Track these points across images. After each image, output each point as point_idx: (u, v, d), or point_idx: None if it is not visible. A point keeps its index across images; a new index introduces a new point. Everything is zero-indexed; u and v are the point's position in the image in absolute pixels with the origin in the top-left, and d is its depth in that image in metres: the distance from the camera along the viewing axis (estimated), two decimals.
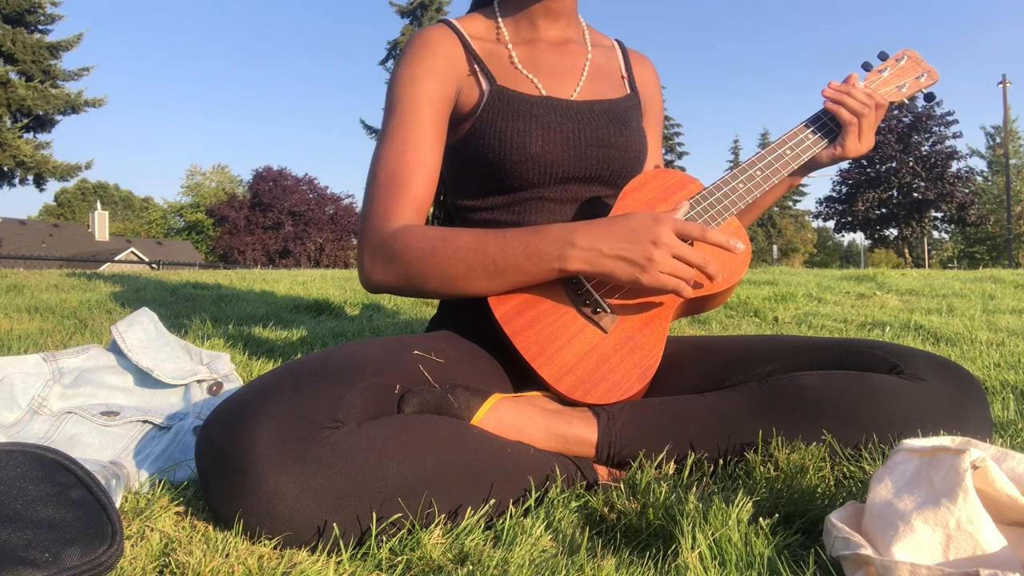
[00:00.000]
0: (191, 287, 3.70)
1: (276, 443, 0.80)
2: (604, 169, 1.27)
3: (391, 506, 0.83)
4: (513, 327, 1.11)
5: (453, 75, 1.26)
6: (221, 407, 0.87)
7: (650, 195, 1.22)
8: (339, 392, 0.88)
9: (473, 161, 1.26)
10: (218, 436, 0.84)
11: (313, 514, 0.79)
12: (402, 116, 1.22)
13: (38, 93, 21.79)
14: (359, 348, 1.03)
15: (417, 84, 1.23)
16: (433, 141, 1.22)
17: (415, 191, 1.19)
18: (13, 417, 1.10)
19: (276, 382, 0.89)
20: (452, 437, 0.92)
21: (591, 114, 1.28)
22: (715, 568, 0.75)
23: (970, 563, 0.68)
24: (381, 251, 1.16)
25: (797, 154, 1.26)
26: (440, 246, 1.12)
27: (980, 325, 2.54)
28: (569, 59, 1.34)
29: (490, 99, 1.24)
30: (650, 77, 1.46)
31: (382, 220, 1.17)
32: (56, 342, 1.97)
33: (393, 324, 2.59)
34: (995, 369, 1.74)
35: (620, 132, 1.29)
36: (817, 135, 1.28)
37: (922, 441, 0.80)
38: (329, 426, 0.83)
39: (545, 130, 1.22)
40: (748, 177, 1.23)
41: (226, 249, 31.87)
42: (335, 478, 0.80)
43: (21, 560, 0.65)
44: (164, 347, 1.30)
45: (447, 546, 0.80)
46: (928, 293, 3.77)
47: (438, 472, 0.87)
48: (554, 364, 1.09)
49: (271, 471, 0.79)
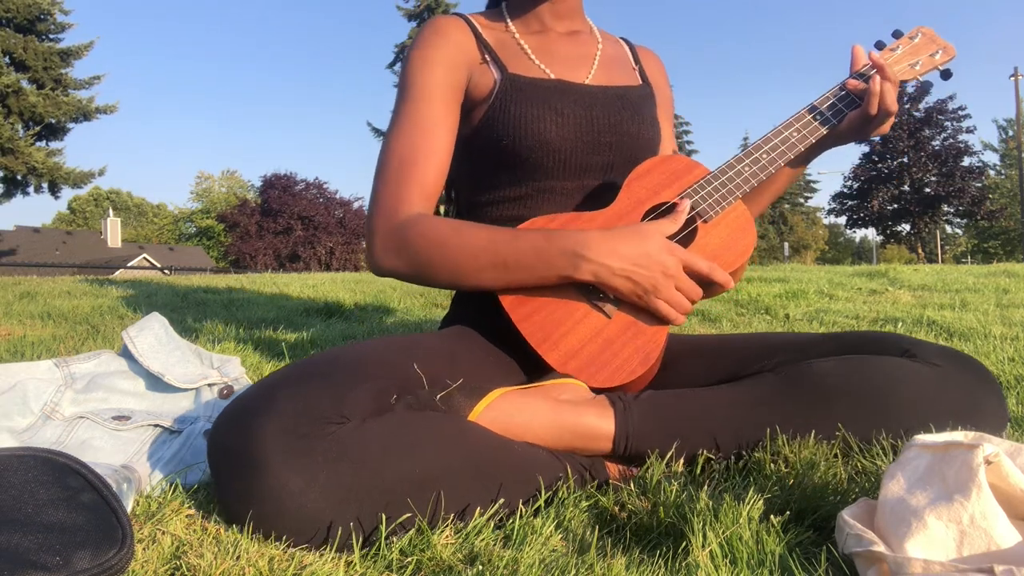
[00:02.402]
0: (202, 292, 3.72)
1: (282, 439, 0.80)
2: (618, 157, 1.27)
3: (398, 504, 0.83)
4: (519, 314, 1.12)
5: (464, 62, 1.26)
6: (230, 407, 0.88)
7: (656, 181, 1.22)
8: (345, 389, 0.88)
9: (487, 150, 1.25)
10: (227, 435, 0.84)
11: (320, 510, 0.79)
12: (414, 100, 1.22)
13: (49, 100, 21.93)
14: (367, 347, 1.03)
15: (429, 69, 1.23)
16: (444, 126, 1.22)
17: (425, 177, 1.19)
18: (26, 422, 1.11)
19: (283, 380, 0.89)
20: (456, 434, 0.92)
21: (605, 98, 1.27)
22: (726, 566, 0.75)
23: (984, 559, 0.67)
24: (392, 239, 1.16)
25: (804, 136, 1.24)
26: (452, 240, 1.12)
27: (994, 320, 2.52)
28: (579, 47, 1.35)
29: (503, 86, 1.24)
30: (659, 69, 1.46)
31: (393, 206, 1.17)
32: (68, 348, 1.99)
33: (404, 326, 2.59)
34: (1009, 364, 1.72)
35: (634, 119, 1.28)
36: (824, 116, 1.25)
37: (934, 437, 0.79)
38: (334, 422, 0.83)
39: (559, 115, 1.22)
40: (754, 160, 1.22)
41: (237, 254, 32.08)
42: (341, 473, 0.81)
43: (32, 563, 0.65)
44: (175, 351, 1.30)
45: (457, 546, 0.80)
46: (941, 288, 3.74)
47: (443, 468, 0.87)
48: (559, 349, 1.10)
49: (278, 467, 0.79)
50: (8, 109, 21.42)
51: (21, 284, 4.06)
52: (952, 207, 31.11)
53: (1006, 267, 5.14)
